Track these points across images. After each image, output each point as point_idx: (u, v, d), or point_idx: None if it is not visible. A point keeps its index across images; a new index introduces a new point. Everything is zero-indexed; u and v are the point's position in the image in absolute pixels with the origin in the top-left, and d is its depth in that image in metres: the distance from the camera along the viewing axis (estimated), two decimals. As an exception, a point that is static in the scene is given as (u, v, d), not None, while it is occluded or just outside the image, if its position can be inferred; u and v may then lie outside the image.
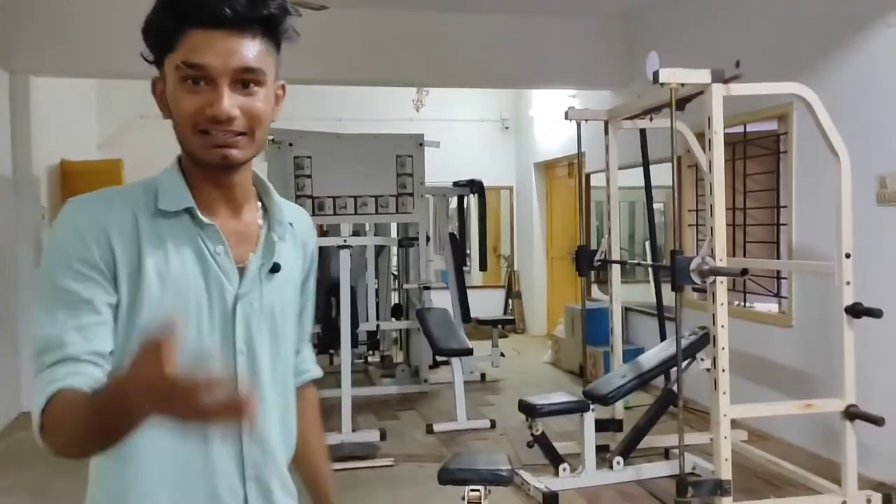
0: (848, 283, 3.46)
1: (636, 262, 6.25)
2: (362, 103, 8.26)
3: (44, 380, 0.97)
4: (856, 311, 3.45)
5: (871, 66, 3.92)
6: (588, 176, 6.90)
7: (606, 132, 4.49)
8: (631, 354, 5.04)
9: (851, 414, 3.48)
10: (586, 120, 4.53)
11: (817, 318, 4.24)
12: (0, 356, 5.21)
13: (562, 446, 4.11)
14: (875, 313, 3.40)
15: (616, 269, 4.66)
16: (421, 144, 5.67)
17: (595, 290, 7.41)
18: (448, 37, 6.12)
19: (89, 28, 5.55)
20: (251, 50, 1.02)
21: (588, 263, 4.57)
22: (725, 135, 3.39)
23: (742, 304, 5.13)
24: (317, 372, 1.35)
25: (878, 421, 3.40)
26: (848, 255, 3.45)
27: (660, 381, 4.78)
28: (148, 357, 0.75)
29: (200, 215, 1.07)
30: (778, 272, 4.74)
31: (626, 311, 6.39)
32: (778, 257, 4.76)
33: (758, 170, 4.98)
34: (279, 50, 1.09)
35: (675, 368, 3.79)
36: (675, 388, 3.94)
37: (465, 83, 7.32)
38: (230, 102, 1.01)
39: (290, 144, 5.61)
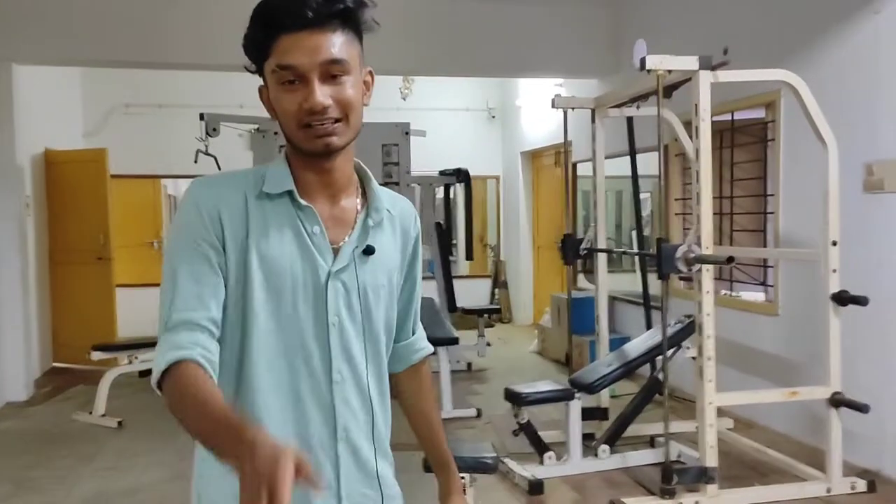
0: (834, 270, 3.43)
1: (622, 250, 6.22)
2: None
3: (167, 342, 1.10)
4: (842, 298, 3.43)
5: (858, 53, 3.88)
6: (575, 165, 6.85)
7: (593, 120, 4.44)
8: (617, 343, 5.01)
9: (837, 401, 3.46)
10: (573, 108, 4.48)
11: (803, 306, 4.22)
12: (-18, 347, 5.12)
13: (547, 435, 4.08)
14: (861, 301, 3.38)
15: (602, 258, 4.62)
16: (407, 133, 5.61)
17: (581, 280, 7.38)
18: (434, 25, 6.05)
19: (72, 16, 5.43)
20: (334, 43, 1.12)
21: (574, 252, 4.53)
22: (713, 123, 3.35)
23: (729, 292, 5.10)
24: (429, 348, 1.47)
25: (862, 408, 3.39)
26: (835, 243, 3.42)
27: (646, 369, 4.76)
28: (272, 460, 0.83)
29: (299, 198, 1.19)
30: (765, 260, 4.72)
31: (613, 300, 6.35)
32: (765, 245, 4.73)
33: (745, 158, 4.94)
34: (361, 39, 1.19)
35: (660, 357, 3.76)
36: (660, 376, 3.91)
37: (451, 72, 7.25)
38: (322, 93, 1.12)
39: (276, 133, 5.54)
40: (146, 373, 5.81)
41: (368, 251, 1.23)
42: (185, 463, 4.57)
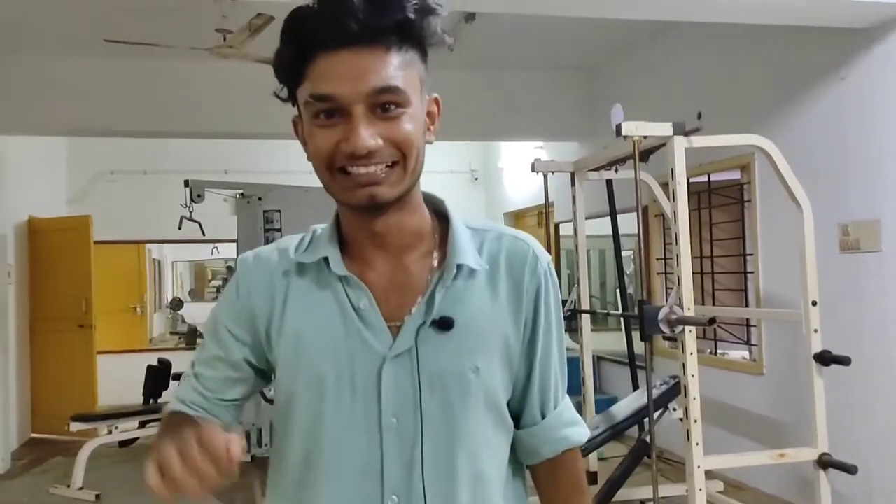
0: (816, 330, 3.45)
1: (605, 311, 6.23)
2: (334, 156, 8.24)
3: (178, 393, 1.04)
4: (824, 358, 3.43)
5: (827, 117, 3.99)
6: (557, 225, 6.92)
7: (573, 183, 4.51)
8: (604, 404, 4.98)
9: (825, 462, 3.44)
10: (553, 172, 4.55)
11: (788, 365, 4.23)
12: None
13: (534, 501, 4.00)
14: (843, 361, 3.39)
15: (586, 319, 4.63)
16: (391, 197, 5.64)
17: (566, 340, 7.35)
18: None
19: (56, 86, 5.49)
20: (386, 66, 0.86)
21: (558, 314, 4.52)
22: (690, 184, 3.41)
23: (713, 352, 5.11)
24: (576, 437, 1.04)
25: (850, 469, 3.36)
26: (814, 303, 3.45)
27: (634, 430, 4.72)
28: (207, 443, 0.75)
29: (333, 265, 0.94)
30: (747, 320, 4.74)
31: (598, 359, 6.34)
32: (746, 305, 4.76)
33: (724, 218, 5.01)
34: (425, 57, 0.93)
35: (648, 419, 3.73)
36: (648, 438, 3.88)
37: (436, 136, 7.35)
38: (369, 133, 0.86)
39: (260, 198, 5.57)
40: (126, 443, 5.70)
41: (444, 325, 0.92)
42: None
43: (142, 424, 5.64)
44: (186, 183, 5.60)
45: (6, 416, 5.69)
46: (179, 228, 5.57)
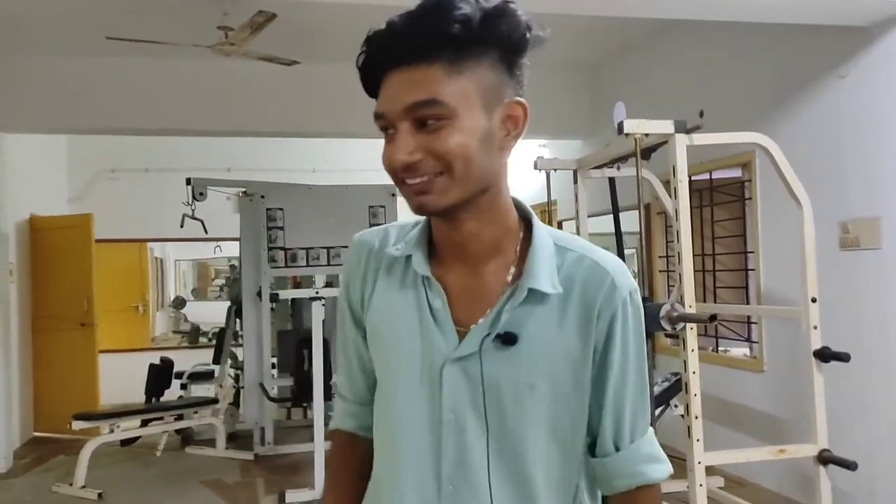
0: (815, 327, 3.49)
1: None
2: (337, 154, 8.30)
3: (335, 406, 1.20)
4: (824, 355, 3.47)
5: (828, 115, 4.03)
6: (560, 223, 6.95)
7: (576, 181, 4.55)
8: (606, 402, 5.01)
9: (825, 459, 3.47)
10: (555, 170, 4.59)
11: (788, 362, 4.27)
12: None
13: None
14: (843, 357, 3.43)
15: (588, 317, 4.66)
16: (393, 195, 5.70)
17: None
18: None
19: (57, 85, 5.54)
20: (425, 81, 0.89)
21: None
22: (692, 181, 3.45)
23: (714, 349, 5.15)
24: (653, 474, 1.03)
25: (850, 465, 3.40)
26: (814, 300, 3.49)
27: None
28: None
29: (416, 265, 1.01)
30: (748, 316, 4.78)
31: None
32: (748, 302, 4.80)
33: (725, 216, 5.05)
34: (508, 60, 0.96)
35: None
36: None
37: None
38: (407, 148, 0.91)
39: (262, 197, 5.62)
40: (128, 441, 5.76)
41: (508, 340, 0.95)
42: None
43: (144, 423, 5.70)
44: (188, 181, 5.65)
45: (8, 415, 5.75)
46: (182, 227, 5.63)
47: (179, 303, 10.73)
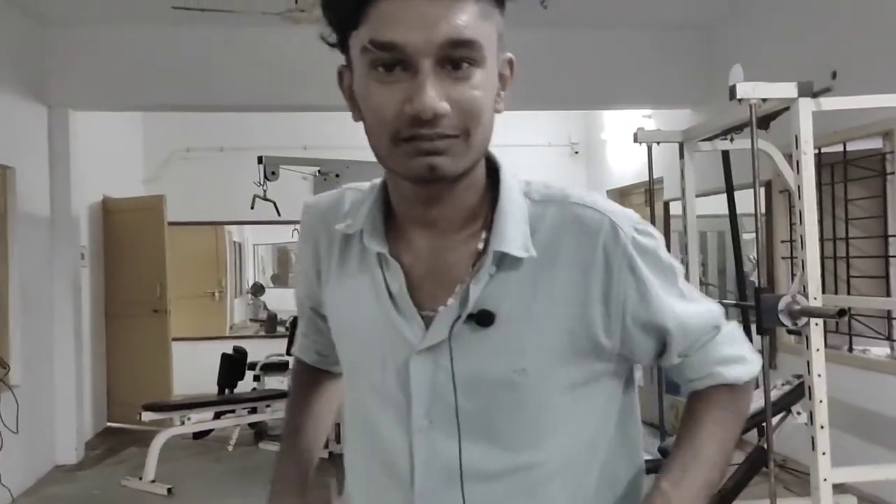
0: (971, 324, 3.20)
1: (719, 301, 5.99)
2: (420, 129, 8.26)
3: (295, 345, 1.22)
4: (982, 357, 3.19)
5: None
6: (667, 203, 6.71)
7: (682, 156, 4.34)
8: (718, 406, 4.80)
9: (981, 480, 3.20)
10: (658, 142, 4.40)
11: (937, 364, 3.96)
12: (35, 405, 5.32)
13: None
14: None
15: (697, 309, 4.46)
16: (476, 172, 5.61)
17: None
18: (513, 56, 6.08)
19: (128, 61, 5.72)
20: (461, 14, 0.80)
21: (663, 303, 4.39)
22: (822, 155, 3.22)
23: (850, 348, 4.84)
24: (730, 373, 1.01)
25: None
26: (970, 292, 3.20)
27: (753, 435, 4.53)
28: None
29: (367, 240, 0.92)
30: (889, 311, 4.47)
31: (714, 355, 6.14)
32: (888, 294, 4.49)
33: (862, 194, 4.73)
34: (503, 9, 0.87)
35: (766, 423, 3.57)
36: (766, 445, 3.71)
37: (530, 105, 7.22)
38: (437, 93, 0.80)
39: (337, 175, 5.65)
40: (201, 434, 5.92)
41: (483, 320, 0.87)
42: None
43: (216, 416, 5.85)
44: (260, 159, 5.73)
45: (80, 405, 6.00)
46: (252, 208, 5.72)
47: (258, 289, 11.02)
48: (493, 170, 0.95)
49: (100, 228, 6.92)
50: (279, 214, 6.23)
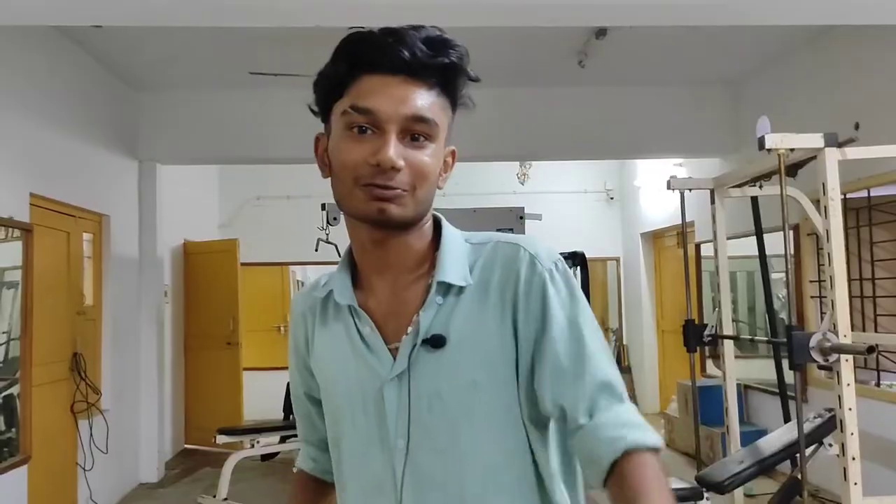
0: None
1: (749, 337, 5.87)
2: (467, 178, 8.34)
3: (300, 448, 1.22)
4: None
5: None
6: (698, 246, 6.62)
7: (713, 201, 4.30)
8: (751, 436, 4.66)
9: None
10: (690, 189, 4.36)
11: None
12: (123, 428, 5.42)
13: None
14: None
15: (729, 345, 4.37)
16: (521, 217, 5.62)
17: (711, 366, 7.00)
18: (552, 111, 6.11)
19: (208, 120, 5.92)
20: (425, 99, 0.93)
21: (697, 339, 4.31)
22: (848, 200, 3.17)
23: (878, 383, 4.68)
24: (638, 436, 0.89)
25: None
26: None
27: (787, 465, 4.40)
28: None
29: (337, 296, 1.02)
30: (915, 348, 4.32)
31: (746, 388, 5.98)
32: (914, 331, 4.34)
33: (886, 237, 4.61)
34: (454, 112, 0.99)
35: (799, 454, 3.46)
36: (800, 475, 3.59)
37: (570, 156, 7.26)
38: (396, 153, 0.91)
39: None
40: (268, 457, 5.94)
41: (435, 343, 0.94)
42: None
43: (282, 440, 5.88)
44: (323, 206, 5.83)
45: (162, 428, 6.10)
46: (316, 251, 5.79)
47: (319, 324, 11.08)
48: (439, 226, 1.04)
49: (181, 269, 7.09)
50: (339, 255, 6.30)
